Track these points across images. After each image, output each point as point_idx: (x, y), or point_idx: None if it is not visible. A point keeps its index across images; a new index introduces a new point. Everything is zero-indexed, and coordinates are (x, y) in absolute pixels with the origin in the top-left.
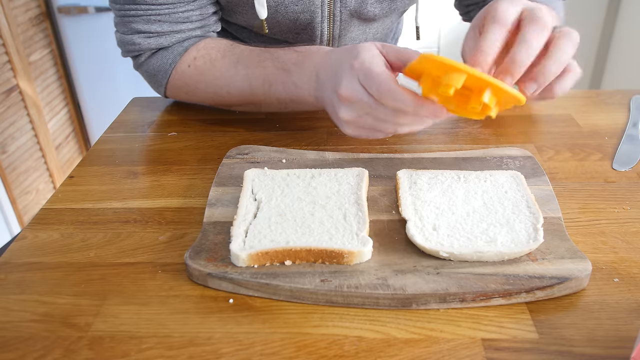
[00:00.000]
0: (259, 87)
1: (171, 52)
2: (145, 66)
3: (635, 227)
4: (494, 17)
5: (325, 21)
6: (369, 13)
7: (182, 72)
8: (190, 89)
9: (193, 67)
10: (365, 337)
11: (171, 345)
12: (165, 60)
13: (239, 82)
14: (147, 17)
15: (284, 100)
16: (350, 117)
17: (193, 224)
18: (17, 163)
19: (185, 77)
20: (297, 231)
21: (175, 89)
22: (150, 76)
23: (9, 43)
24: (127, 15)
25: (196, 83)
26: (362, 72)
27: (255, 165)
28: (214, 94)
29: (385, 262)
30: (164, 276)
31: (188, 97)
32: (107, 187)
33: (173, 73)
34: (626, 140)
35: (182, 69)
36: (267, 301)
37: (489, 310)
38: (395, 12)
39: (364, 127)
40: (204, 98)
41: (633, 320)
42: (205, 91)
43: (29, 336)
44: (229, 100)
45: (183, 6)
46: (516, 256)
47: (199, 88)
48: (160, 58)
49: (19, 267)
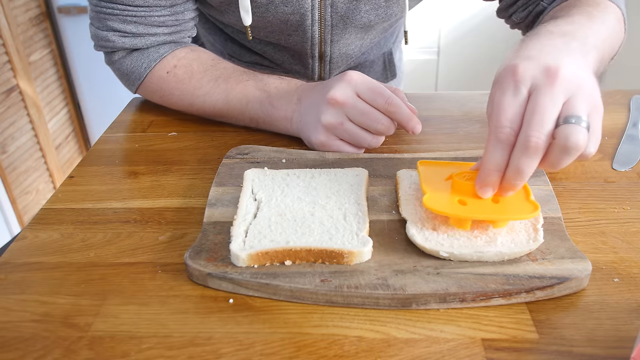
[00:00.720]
0: (236, 103)
1: (147, 57)
2: (119, 64)
3: (635, 227)
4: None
5: (317, 24)
6: (362, 19)
7: (160, 78)
8: (164, 94)
9: (172, 75)
10: (365, 337)
11: (171, 345)
12: (140, 64)
13: (216, 95)
14: (123, 17)
15: (258, 120)
16: (334, 121)
17: (193, 224)
18: (17, 163)
19: (162, 82)
20: (297, 231)
21: (149, 91)
22: (122, 75)
23: (9, 43)
24: (103, 12)
25: (172, 89)
26: (364, 85)
27: (255, 165)
28: (189, 104)
29: (385, 262)
30: (164, 276)
31: (161, 100)
32: (107, 187)
33: (149, 76)
34: (626, 140)
35: (160, 75)
36: (267, 301)
37: (489, 310)
38: (391, 18)
39: (343, 134)
40: (177, 104)
41: (633, 320)
42: (180, 98)
43: (29, 336)
44: (203, 111)
45: (159, 11)
46: (516, 256)
47: (174, 94)
48: (135, 60)
49: (19, 267)
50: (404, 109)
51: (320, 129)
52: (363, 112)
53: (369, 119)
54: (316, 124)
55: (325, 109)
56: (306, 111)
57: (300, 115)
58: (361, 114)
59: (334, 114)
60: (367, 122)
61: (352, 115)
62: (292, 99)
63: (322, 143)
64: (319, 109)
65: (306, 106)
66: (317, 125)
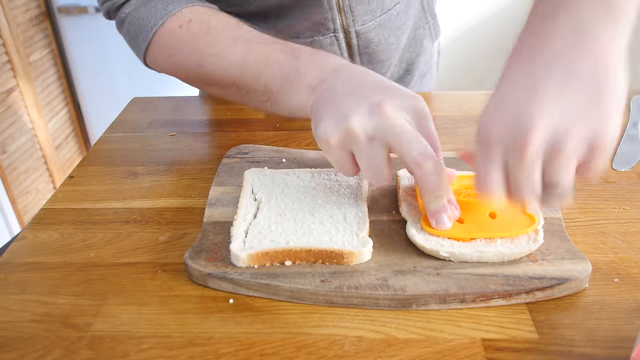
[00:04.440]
0: (253, 66)
1: (160, 8)
2: (128, 22)
3: (635, 227)
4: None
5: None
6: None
7: (171, 31)
8: (173, 52)
9: (185, 29)
10: (365, 337)
11: (171, 345)
12: (152, 15)
13: (231, 55)
14: None
15: (272, 89)
16: (362, 130)
17: (193, 224)
18: (17, 163)
19: (173, 37)
20: (297, 231)
21: (158, 49)
22: (132, 37)
23: (9, 43)
24: None
25: (182, 45)
26: (420, 109)
27: (255, 165)
28: (197, 64)
29: (385, 263)
30: (164, 276)
31: (168, 61)
32: (107, 187)
33: (160, 31)
34: (626, 140)
35: (172, 28)
36: (267, 301)
37: (489, 310)
38: None
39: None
40: (185, 66)
41: (633, 320)
42: (189, 57)
43: (29, 336)
44: (210, 75)
45: None
46: (516, 257)
47: (183, 52)
48: (147, 11)
49: (19, 267)
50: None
51: (338, 130)
52: (406, 133)
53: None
54: (339, 118)
55: (363, 110)
56: (341, 88)
57: (331, 88)
58: (400, 135)
59: (368, 123)
60: (398, 147)
61: (383, 134)
62: (329, 67)
63: (329, 145)
64: (356, 103)
65: (344, 84)
66: (338, 121)
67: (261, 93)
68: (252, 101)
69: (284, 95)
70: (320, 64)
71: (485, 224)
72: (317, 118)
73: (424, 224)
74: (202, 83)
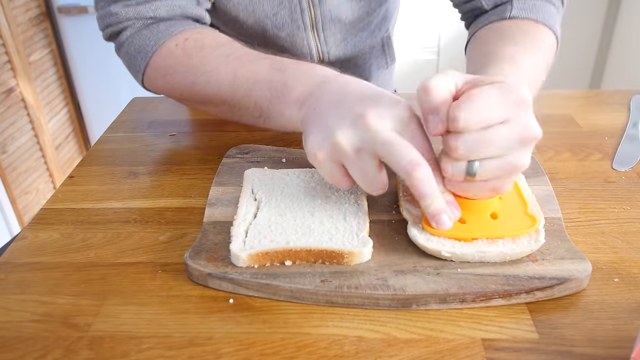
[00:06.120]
0: (242, 83)
1: (157, 33)
2: (127, 46)
3: (635, 227)
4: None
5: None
6: None
7: (168, 51)
8: (168, 72)
9: (181, 48)
10: (365, 337)
11: (171, 345)
12: (149, 40)
13: (223, 73)
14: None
15: (262, 106)
16: (348, 144)
17: (193, 224)
18: (17, 163)
19: (169, 57)
20: (297, 231)
21: (154, 69)
22: (130, 59)
23: (9, 43)
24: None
25: (177, 65)
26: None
27: (255, 165)
28: (191, 83)
29: (385, 263)
30: (164, 276)
31: (164, 81)
32: (107, 187)
33: (158, 51)
34: (626, 140)
35: (169, 47)
36: (267, 301)
37: (489, 310)
38: None
39: (353, 166)
40: (180, 85)
41: (633, 320)
42: (184, 76)
43: (29, 336)
44: (204, 93)
45: None
46: (518, 257)
47: (178, 72)
48: (145, 37)
49: (19, 267)
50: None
51: (325, 145)
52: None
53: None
54: (325, 132)
55: (347, 123)
56: (326, 101)
57: (317, 101)
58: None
59: (353, 137)
60: (386, 157)
61: (368, 145)
62: (314, 79)
63: (318, 160)
64: (340, 116)
65: (329, 96)
66: (325, 136)
67: (253, 109)
68: (245, 118)
69: (274, 110)
70: (307, 77)
71: (486, 224)
72: (306, 132)
73: (426, 224)
74: (196, 102)
